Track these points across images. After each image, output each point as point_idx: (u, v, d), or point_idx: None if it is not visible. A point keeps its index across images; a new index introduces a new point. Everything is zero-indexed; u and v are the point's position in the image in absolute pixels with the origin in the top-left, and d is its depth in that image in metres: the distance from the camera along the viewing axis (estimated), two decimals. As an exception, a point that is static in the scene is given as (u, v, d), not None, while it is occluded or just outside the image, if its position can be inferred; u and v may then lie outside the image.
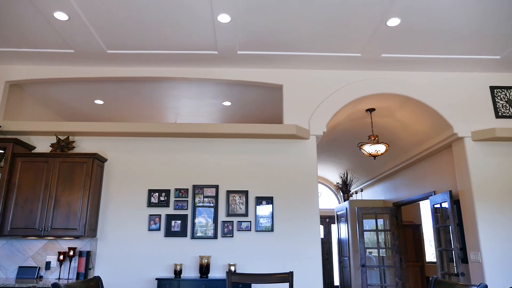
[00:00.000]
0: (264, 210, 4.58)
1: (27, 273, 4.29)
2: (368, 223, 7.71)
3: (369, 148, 5.68)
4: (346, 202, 8.58)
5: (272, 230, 4.52)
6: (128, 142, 4.80)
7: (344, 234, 8.81)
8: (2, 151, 4.42)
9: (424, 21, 3.94)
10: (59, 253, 4.27)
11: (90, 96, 5.80)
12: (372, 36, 4.24)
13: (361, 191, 9.58)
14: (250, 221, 4.55)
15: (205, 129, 4.65)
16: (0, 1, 3.66)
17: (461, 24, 4.01)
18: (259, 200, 4.60)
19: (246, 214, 4.56)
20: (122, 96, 5.82)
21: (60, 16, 3.86)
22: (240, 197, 4.61)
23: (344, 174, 9.26)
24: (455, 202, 5.15)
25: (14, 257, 4.39)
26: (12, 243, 4.43)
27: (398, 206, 7.58)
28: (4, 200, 4.23)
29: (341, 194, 9.83)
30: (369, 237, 7.88)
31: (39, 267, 4.34)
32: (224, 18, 3.90)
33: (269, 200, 4.61)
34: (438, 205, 5.56)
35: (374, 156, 5.69)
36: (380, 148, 5.62)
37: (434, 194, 5.81)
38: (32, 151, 4.70)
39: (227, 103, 6.08)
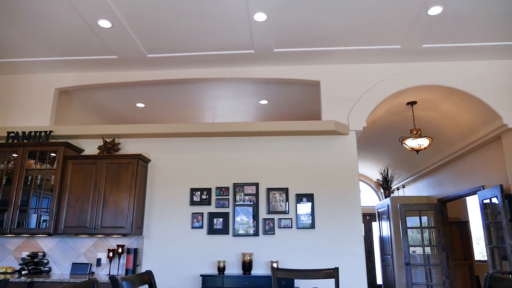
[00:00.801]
0: (304, 207, 4.57)
1: (80, 269, 4.52)
2: (411, 220, 7.47)
3: (411, 143, 5.51)
4: (388, 199, 8.36)
5: (313, 227, 4.49)
6: (170, 142, 4.94)
7: (386, 231, 8.60)
8: (54, 154, 4.68)
9: (468, 7, 3.78)
10: (109, 250, 4.47)
11: (132, 99, 6.02)
12: (412, 26, 4.11)
13: (403, 187, 9.30)
14: (291, 218, 4.54)
15: (244, 127, 4.70)
16: (49, 14, 3.89)
17: (507, 8, 3.80)
18: (300, 197, 4.59)
19: (286, 212, 4.56)
20: (162, 99, 6.00)
21: (104, 24, 4.04)
22: (280, 194, 4.62)
23: (384, 170, 9.03)
24: (507, 196, 4.88)
25: (68, 254, 4.64)
26: (65, 241, 4.68)
27: (443, 202, 7.29)
28: (57, 200, 4.49)
29: (382, 191, 9.59)
30: (411, 235, 7.64)
31: (91, 264, 4.57)
32: (260, 16, 3.92)
33: (310, 197, 4.58)
34: (488, 200, 5.30)
35: (417, 151, 5.52)
36: (423, 142, 5.44)
37: (483, 189, 5.55)
38: (81, 154, 4.94)
39: (264, 102, 6.11)
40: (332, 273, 2.70)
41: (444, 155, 6.57)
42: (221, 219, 4.60)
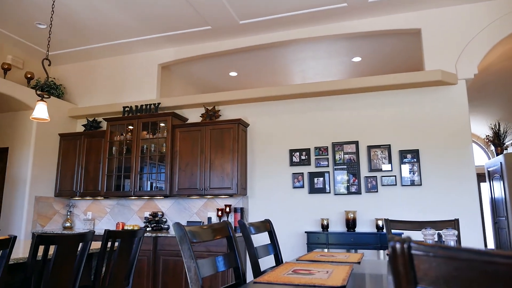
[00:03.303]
0: (409, 164, 4.36)
1: (194, 227, 4.97)
2: (531, 178, 6.68)
3: (533, 89, 4.85)
4: (500, 156, 7.56)
5: (420, 184, 4.29)
6: (266, 106, 5.05)
7: (498, 192, 7.84)
8: (163, 124, 5.12)
9: None
10: (217, 210, 4.83)
11: (225, 69, 6.24)
12: (537, -51, 3.52)
13: (518, 143, 8.32)
14: (395, 176, 4.39)
15: (342, 85, 4.59)
16: (151, -10, 4.15)
17: None
18: (403, 154, 4.39)
19: (390, 169, 4.41)
20: (253, 66, 6.11)
21: (199, -6, 4.20)
22: (382, 151, 4.48)
23: (495, 125, 8.14)
24: None
25: (182, 213, 5.12)
26: (179, 202, 5.17)
27: None
28: (170, 165, 4.93)
29: (492, 148, 8.70)
30: (532, 194, 6.84)
31: (202, 222, 4.99)
32: (354, -36, 3.70)
33: (415, 153, 4.36)
34: None
35: (540, 98, 4.84)
36: (549, 87, 4.75)
37: None
38: (186, 122, 5.32)
39: (357, 59, 5.86)
40: (452, 224, 2.58)
41: None
42: (321, 179, 4.63)
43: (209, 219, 4.97)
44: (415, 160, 4.34)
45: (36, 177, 5.18)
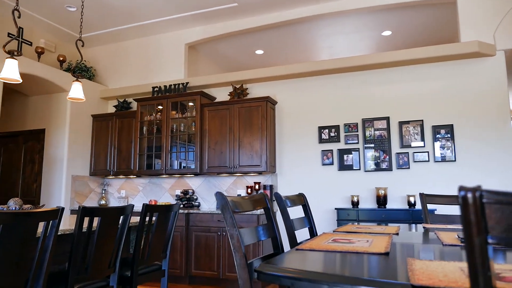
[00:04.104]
0: (443, 139, 4.26)
1: (224, 204, 5.06)
2: None
3: None
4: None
5: (453, 160, 4.18)
6: (294, 83, 5.00)
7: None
8: (192, 104, 5.17)
9: None
10: (247, 187, 4.89)
11: (251, 47, 6.19)
12: None
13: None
14: (427, 152, 4.30)
15: (372, 59, 4.48)
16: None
17: None
18: (437, 129, 4.28)
19: (422, 145, 4.32)
20: (279, 43, 6.03)
21: (226, -30, 4.14)
22: (414, 127, 4.38)
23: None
24: None
25: (212, 191, 5.22)
26: (209, 179, 5.26)
27: None
28: (200, 144, 5.01)
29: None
30: None
31: (233, 199, 5.06)
32: None
33: (449, 128, 4.24)
34: None
35: None
36: None
37: None
38: (214, 101, 5.35)
39: (387, 33, 5.68)
40: (492, 198, 2.51)
41: None
42: (351, 156, 4.59)
43: (239, 196, 5.04)
44: (449, 135, 4.23)
45: (72, 157, 5.38)
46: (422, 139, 4.32)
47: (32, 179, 5.61)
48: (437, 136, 4.27)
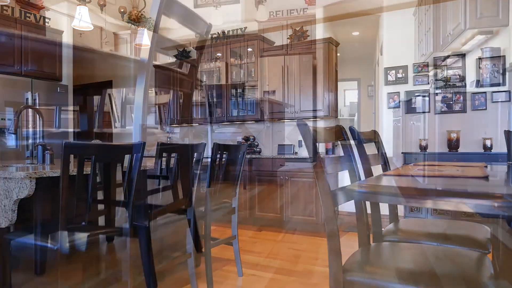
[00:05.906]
0: (527, 76, 3.85)
1: (285, 150, 5.09)
2: None
3: None
4: None
5: (540, 98, 3.79)
6: (356, 24, 4.71)
7: None
8: (251, 49, 5.09)
9: None
10: (308, 133, 4.84)
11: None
12: None
13: None
14: (509, 91, 3.93)
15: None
16: None
17: None
18: (521, 65, 3.87)
19: (502, 83, 3.94)
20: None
21: None
22: (495, 64, 3.98)
23: None
24: None
25: (273, 137, 5.25)
26: (269, 126, 5.28)
27: None
28: (260, 90, 4.98)
29: None
30: None
31: (294, 145, 5.07)
32: None
33: (535, 63, 3.81)
34: None
35: None
36: None
37: None
38: (273, 45, 5.23)
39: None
40: None
41: None
42: (420, 98, 4.33)
43: (300, 142, 5.04)
44: (535, 71, 3.81)
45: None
46: (503, 76, 3.94)
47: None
48: (522, 72, 3.86)
